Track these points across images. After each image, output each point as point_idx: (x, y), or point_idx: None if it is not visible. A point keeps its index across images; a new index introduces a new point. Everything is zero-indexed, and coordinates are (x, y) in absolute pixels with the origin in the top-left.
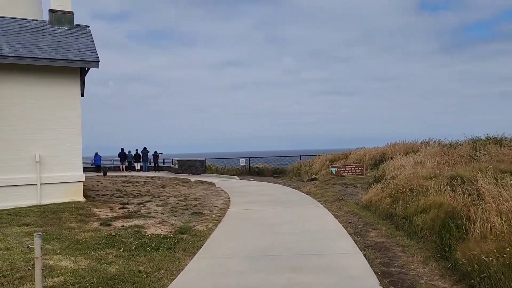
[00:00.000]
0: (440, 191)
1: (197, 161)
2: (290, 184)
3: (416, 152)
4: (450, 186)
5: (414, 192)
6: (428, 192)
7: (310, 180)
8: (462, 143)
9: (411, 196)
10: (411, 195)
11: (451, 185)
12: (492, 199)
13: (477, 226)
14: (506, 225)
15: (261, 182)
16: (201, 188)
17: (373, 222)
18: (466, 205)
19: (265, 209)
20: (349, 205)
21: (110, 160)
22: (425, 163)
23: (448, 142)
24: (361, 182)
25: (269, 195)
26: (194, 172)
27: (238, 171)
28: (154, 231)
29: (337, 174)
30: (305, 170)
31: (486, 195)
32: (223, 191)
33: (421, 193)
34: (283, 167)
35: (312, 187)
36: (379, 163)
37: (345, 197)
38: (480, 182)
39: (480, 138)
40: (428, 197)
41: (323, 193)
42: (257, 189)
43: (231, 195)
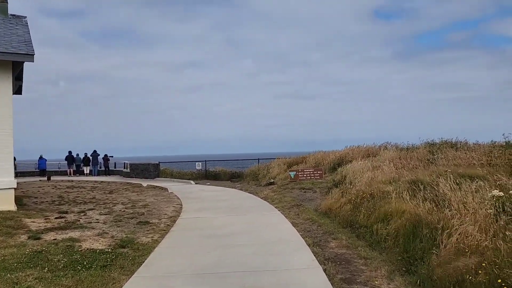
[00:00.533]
0: (402, 198)
1: (150, 164)
2: (247, 188)
3: (375, 156)
4: (411, 191)
5: (375, 198)
6: (389, 198)
7: (268, 184)
8: (419, 146)
9: (372, 203)
10: (372, 201)
11: (412, 190)
12: (458, 206)
13: (445, 237)
14: (479, 235)
15: (217, 187)
16: (153, 194)
17: (333, 231)
18: (430, 212)
19: (219, 217)
20: (307, 211)
21: (57, 164)
22: (384, 167)
23: (404, 145)
24: (319, 187)
25: (224, 201)
26: (148, 176)
27: (194, 175)
28: (90, 245)
29: (296, 178)
30: (263, 174)
31: (452, 201)
32: (176, 196)
33: (382, 199)
34: (241, 170)
35: (270, 192)
36: (338, 167)
37: (304, 203)
38: (441, 187)
39: (436, 142)
40: (390, 204)
41: (281, 199)
42: (212, 194)
43: (184, 201)
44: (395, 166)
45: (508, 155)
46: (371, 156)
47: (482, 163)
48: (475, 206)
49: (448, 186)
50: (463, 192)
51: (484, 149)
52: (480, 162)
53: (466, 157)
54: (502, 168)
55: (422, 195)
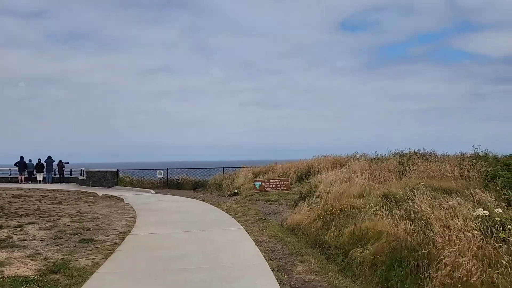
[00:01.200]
0: (376, 214)
1: (108, 172)
2: (210, 199)
3: (344, 166)
4: (384, 207)
5: (345, 213)
6: (361, 214)
7: (232, 195)
8: (389, 157)
9: (343, 220)
10: (343, 217)
11: (385, 205)
12: (442, 228)
13: (433, 270)
14: (475, 267)
15: (178, 197)
16: (106, 205)
17: (300, 251)
18: (409, 234)
19: (174, 233)
20: (272, 227)
21: (8, 170)
22: (354, 178)
23: (373, 156)
24: (286, 198)
25: (183, 213)
26: (105, 184)
27: (155, 183)
28: (15, 271)
29: (261, 189)
30: (227, 183)
31: (432, 222)
32: (131, 208)
33: (353, 215)
34: (205, 179)
35: (233, 204)
36: (305, 177)
37: (269, 216)
38: (417, 203)
39: (405, 153)
40: (364, 222)
41: (245, 211)
42: (171, 205)
43: (139, 213)
44: (365, 177)
45: (479, 167)
46: (339, 166)
47: (455, 176)
48: (459, 226)
49: (426, 203)
50: (443, 210)
51: (454, 160)
52: (453, 174)
53: (437, 168)
54: (475, 181)
55: (399, 212)
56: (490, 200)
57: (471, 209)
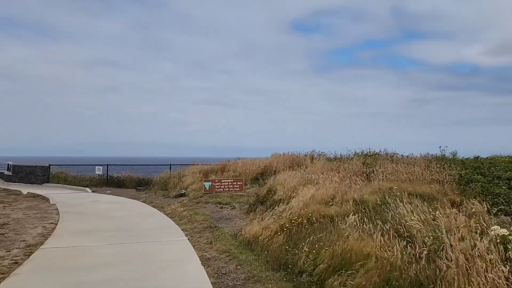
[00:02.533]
0: (353, 226)
1: (38, 167)
2: (153, 200)
3: (302, 166)
4: (361, 216)
5: (314, 224)
6: (336, 226)
7: (178, 196)
8: (350, 157)
9: (313, 233)
10: (312, 230)
11: (361, 214)
12: (456, 256)
13: None
14: None
15: (117, 197)
16: (26, 206)
17: (259, 276)
18: (408, 260)
19: (101, 246)
20: (224, 238)
21: None
22: (318, 180)
23: (332, 155)
24: (240, 201)
25: (119, 218)
26: (34, 181)
27: (94, 181)
28: None
29: (211, 190)
30: (174, 182)
31: (456, 252)
32: (56, 210)
33: (324, 227)
34: (150, 177)
35: (179, 207)
36: (261, 178)
37: (220, 224)
38: (402, 214)
39: (366, 153)
40: (342, 238)
41: (192, 217)
42: (106, 208)
43: (63, 217)
44: (330, 180)
45: (448, 170)
46: (298, 166)
47: (427, 179)
48: (471, 249)
49: (415, 215)
50: (442, 221)
51: (422, 162)
52: (424, 177)
53: (406, 171)
54: (450, 185)
55: (385, 226)
56: (482, 211)
57: (475, 226)
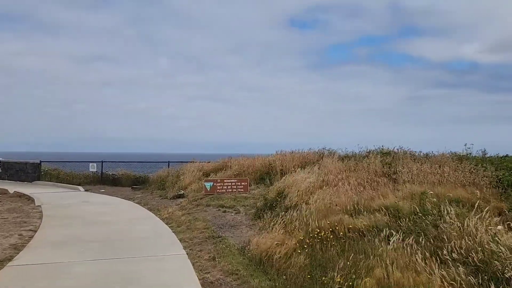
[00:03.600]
0: (397, 248)
1: (28, 164)
2: (149, 202)
3: (313, 165)
4: (400, 231)
5: (341, 239)
6: (371, 244)
7: (176, 197)
8: (363, 155)
9: (346, 252)
10: (340, 247)
11: (397, 226)
12: None
13: None
14: None
15: (110, 198)
16: (8, 208)
17: None
18: None
19: (81, 262)
20: (230, 253)
21: None
22: (334, 182)
23: (343, 153)
24: (244, 204)
25: (109, 223)
26: (24, 178)
27: (88, 178)
28: None
29: (213, 191)
30: (171, 182)
31: None
32: (41, 213)
33: (353, 243)
34: (147, 175)
35: (177, 210)
36: (267, 177)
37: (223, 232)
38: (469, 231)
39: (385, 150)
40: (392, 274)
41: (191, 223)
42: (97, 210)
43: (46, 223)
44: (348, 182)
45: (482, 170)
46: (308, 165)
47: (463, 182)
48: None
49: (482, 231)
50: None
51: (450, 162)
52: (457, 179)
53: (433, 171)
54: (488, 189)
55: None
56: None
57: None
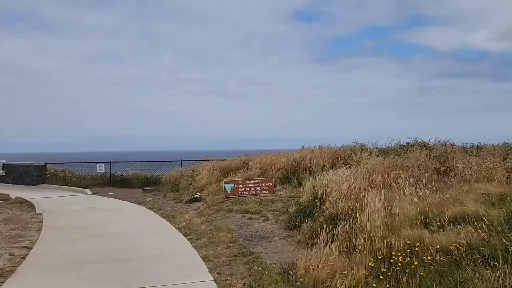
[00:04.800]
0: None
1: (32, 166)
2: (162, 206)
3: (350, 163)
4: None
5: (429, 266)
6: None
7: (192, 200)
8: (407, 149)
9: None
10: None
11: None
12: None
13: None
14: None
15: (119, 202)
16: (4, 218)
17: None
18: None
19: None
20: (270, 281)
21: None
22: (386, 183)
23: (373, 146)
24: (272, 209)
25: (115, 236)
26: (29, 182)
27: (96, 180)
28: None
29: (234, 193)
30: (186, 182)
31: None
32: (40, 224)
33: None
34: (158, 175)
35: (195, 216)
36: (293, 176)
37: (254, 247)
38: None
39: (428, 144)
40: None
41: (213, 233)
42: (104, 218)
43: (45, 236)
44: (402, 182)
45: None
46: (344, 162)
47: None
48: None
49: None
50: None
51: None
52: None
53: (496, 166)
54: None
55: None
56: None
57: None
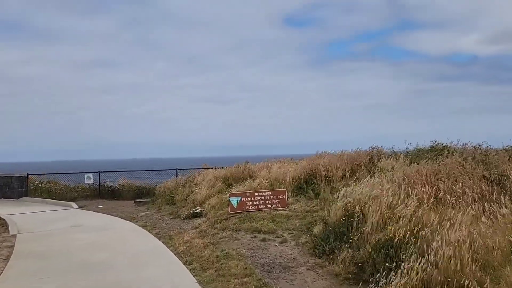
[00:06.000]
0: None
1: (13, 178)
2: (157, 223)
3: (373, 170)
4: None
5: None
6: None
7: (192, 216)
8: (438, 153)
9: None
10: None
11: None
12: None
13: None
14: None
15: (108, 217)
16: None
17: None
18: None
19: None
20: None
21: None
22: (440, 197)
23: (392, 151)
24: (289, 228)
25: (101, 267)
26: (10, 195)
27: (84, 191)
28: None
29: (240, 208)
30: (183, 194)
31: None
32: (11, 249)
33: None
34: (152, 185)
35: (196, 237)
36: (307, 186)
37: (276, 282)
38: None
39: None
40: None
41: (220, 262)
42: (89, 240)
43: (13, 268)
44: (449, 193)
45: None
46: (366, 169)
47: None
48: None
49: None
50: None
51: None
52: None
53: None
54: None
55: None
56: None
57: None
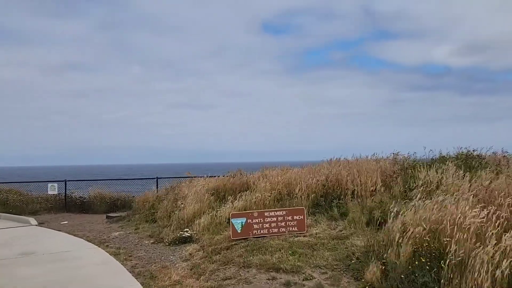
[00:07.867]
0: None
1: None
2: (134, 248)
3: (410, 183)
4: None
5: None
6: None
7: (180, 241)
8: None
9: None
10: None
11: None
12: None
13: None
14: None
15: (71, 240)
16: None
17: None
18: None
19: None
20: None
21: None
22: None
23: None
24: (318, 265)
25: None
26: None
27: (49, 203)
28: None
29: (246, 232)
30: (165, 209)
31: None
32: None
33: None
34: (128, 195)
35: (188, 276)
36: (325, 201)
37: None
38: None
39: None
40: None
41: None
42: (38, 280)
43: None
44: None
45: None
46: (401, 182)
47: None
48: None
49: None
50: None
51: None
52: None
53: None
54: None
55: None
56: None
57: None
